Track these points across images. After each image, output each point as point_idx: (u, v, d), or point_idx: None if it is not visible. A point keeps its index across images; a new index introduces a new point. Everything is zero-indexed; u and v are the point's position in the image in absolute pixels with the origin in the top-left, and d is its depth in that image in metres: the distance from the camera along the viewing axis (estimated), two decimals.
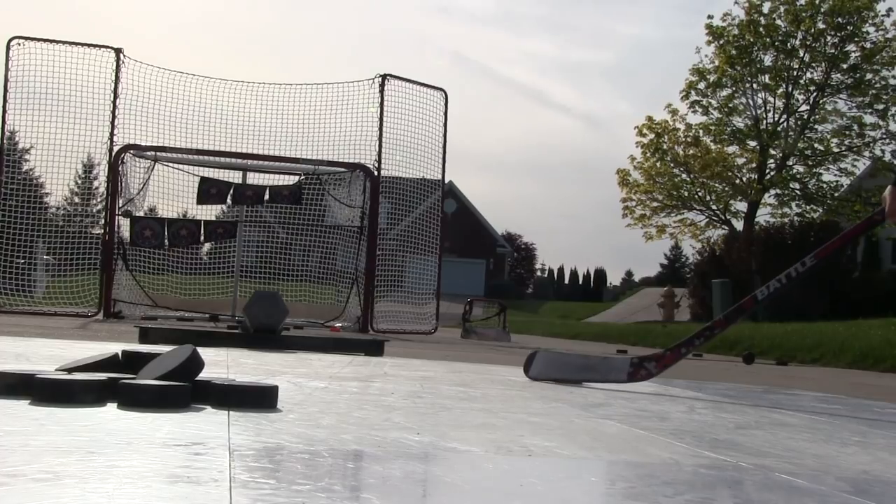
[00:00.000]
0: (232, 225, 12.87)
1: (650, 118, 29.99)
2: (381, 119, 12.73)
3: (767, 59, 29.38)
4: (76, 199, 15.67)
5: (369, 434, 1.81)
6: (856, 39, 28.35)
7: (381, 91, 12.74)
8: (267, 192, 12.61)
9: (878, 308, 18.07)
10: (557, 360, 4.18)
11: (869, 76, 28.56)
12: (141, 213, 12.49)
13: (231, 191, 12.32)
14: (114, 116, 12.00)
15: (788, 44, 28.79)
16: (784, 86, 29.23)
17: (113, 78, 12.05)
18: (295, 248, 14.14)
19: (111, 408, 1.93)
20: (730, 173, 28.85)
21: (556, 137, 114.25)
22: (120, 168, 11.95)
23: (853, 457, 2.13)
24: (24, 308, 11.57)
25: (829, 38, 28.57)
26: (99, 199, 13.84)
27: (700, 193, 29.34)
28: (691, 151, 29.36)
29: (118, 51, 12.13)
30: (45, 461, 1.29)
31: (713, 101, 29.80)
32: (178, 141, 12.52)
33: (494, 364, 5.59)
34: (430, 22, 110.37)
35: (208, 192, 12.22)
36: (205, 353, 2.50)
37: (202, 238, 12.58)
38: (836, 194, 29.33)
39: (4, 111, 11.85)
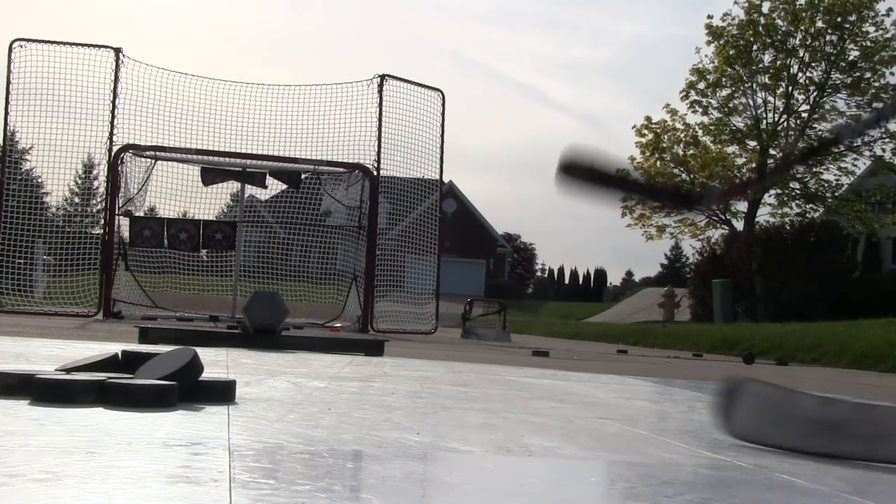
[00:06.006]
0: (231, 230, 12.85)
1: (649, 118, 30.01)
2: (379, 119, 12.74)
3: (767, 59, 29.39)
4: (76, 199, 15.67)
5: (369, 434, 1.80)
6: (855, 38, 28.36)
7: (380, 91, 12.74)
8: (267, 175, 12.70)
9: (879, 308, 18.06)
10: (779, 407, 2.12)
11: (868, 75, 28.57)
12: (141, 213, 12.50)
13: (235, 175, 12.48)
14: (113, 116, 12.01)
15: (788, 43, 28.80)
16: (784, 85, 29.23)
17: (112, 78, 12.06)
18: (295, 248, 14.14)
19: (109, 408, 1.93)
20: (730, 173, 28.85)
21: (556, 137, 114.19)
22: (119, 168, 11.94)
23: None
24: (24, 308, 11.57)
25: (828, 37, 28.58)
26: (99, 199, 13.85)
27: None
28: (691, 151, 29.37)
29: (118, 51, 12.13)
30: (44, 461, 1.29)
31: (713, 101, 29.82)
32: (177, 141, 12.52)
33: (494, 364, 5.59)
34: (429, 21, 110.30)
35: (210, 173, 12.36)
36: (205, 353, 2.50)
37: (200, 244, 12.65)
38: (836, 193, 29.34)
39: (7, 112, 11.86)
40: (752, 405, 2.09)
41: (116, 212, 11.92)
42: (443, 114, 13.33)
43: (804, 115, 29.44)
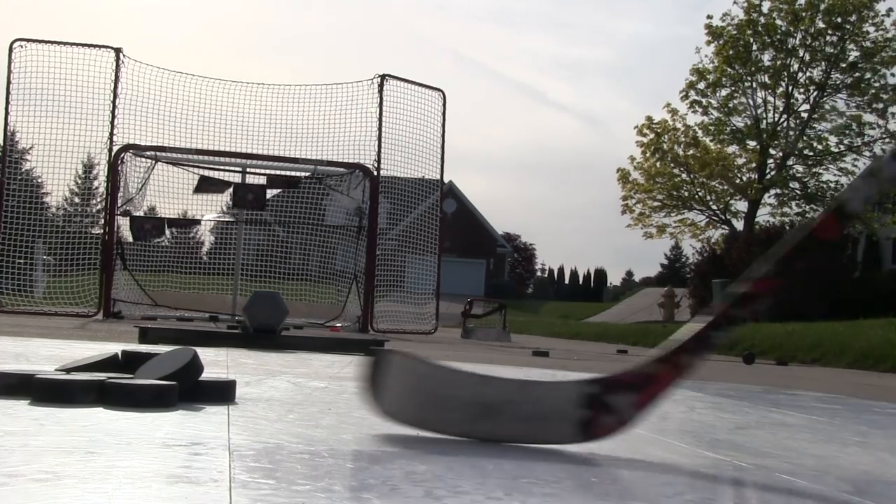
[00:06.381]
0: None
1: (649, 118, 30.02)
2: (380, 119, 12.74)
3: (767, 59, 29.39)
4: (76, 199, 15.68)
5: (369, 434, 1.80)
6: (855, 38, 28.36)
7: (380, 91, 12.75)
8: (265, 180, 12.66)
9: (879, 308, 18.06)
10: (434, 386, 1.84)
11: (868, 75, 28.57)
12: (140, 213, 12.50)
13: (231, 189, 12.39)
14: (113, 116, 12.01)
15: (788, 43, 28.79)
16: (783, 85, 29.23)
17: (113, 78, 12.06)
18: (295, 248, 14.14)
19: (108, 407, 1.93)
20: (730, 173, 28.85)
21: (556, 137, 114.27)
22: (119, 168, 11.94)
23: (853, 457, 2.13)
24: (24, 308, 11.57)
25: (828, 37, 28.58)
26: (99, 199, 13.85)
27: (700, 193, 29.34)
28: (691, 151, 29.37)
29: (118, 51, 12.14)
30: (44, 461, 1.29)
31: (713, 101, 29.83)
32: (177, 141, 12.53)
33: (494, 364, 5.59)
34: (429, 21, 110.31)
35: (207, 182, 12.35)
36: (205, 353, 2.50)
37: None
38: (836, 194, 29.32)
39: (7, 112, 11.86)
40: (403, 383, 1.83)
41: (116, 212, 11.92)
42: (443, 114, 13.33)
43: (804, 114, 29.44)
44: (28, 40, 11.97)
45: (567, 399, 1.73)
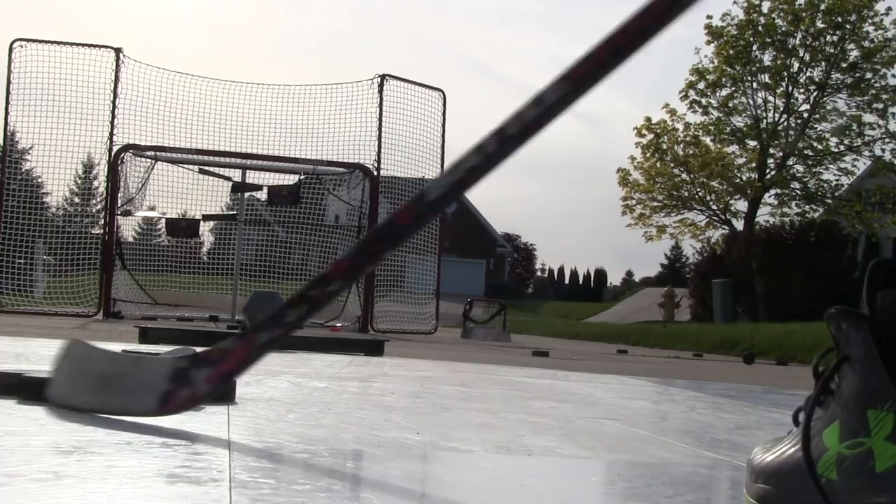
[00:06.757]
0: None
1: (649, 118, 30.03)
2: (380, 119, 12.74)
3: (767, 59, 29.39)
4: (76, 199, 15.69)
5: (369, 434, 1.80)
6: (855, 38, 28.37)
7: (380, 91, 12.75)
8: (265, 191, 12.66)
9: None
10: (86, 364, 1.96)
11: (868, 75, 28.57)
12: (140, 213, 12.51)
13: (231, 185, 12.46)
14: (113, 116, 12.02)
15: (788, 43, 28.80)
16: (784, 85, 29.25)
17: (113, 78, 12.07)
18: (295, 248, 14.14)
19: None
20: (730, 173, 28.87)
21: (556, 137, 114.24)
22: (119, 168, 11.95)
23: None
24: (24, 308, 11.57)
25: (828, 37, 28.58)
26: (99, 199, 13.85)
27: (700, 193, 29.36)
28: (691, 151, 29.38)
29: (118, 51, 12.14)
30: (44, 461, 1.29)
31: (713, 101, 29.83)
32: (177, 141, 12.53)
33: (494, 364, 5.59)
34: (429, 21, 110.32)
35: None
36: None
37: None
38: (836, 194, 29.34)
39: (7, 112, 11.87)
40: (72, 369, 1.91)
41: (116, 212, 11.92)
42: (443, 114, 13.33)
43: (804, 114, 29.44)
44: (28, 40, 11.98)
45: (160, 373, 1.74)
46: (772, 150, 29.38)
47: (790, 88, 29.10)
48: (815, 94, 29.10)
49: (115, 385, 1.81)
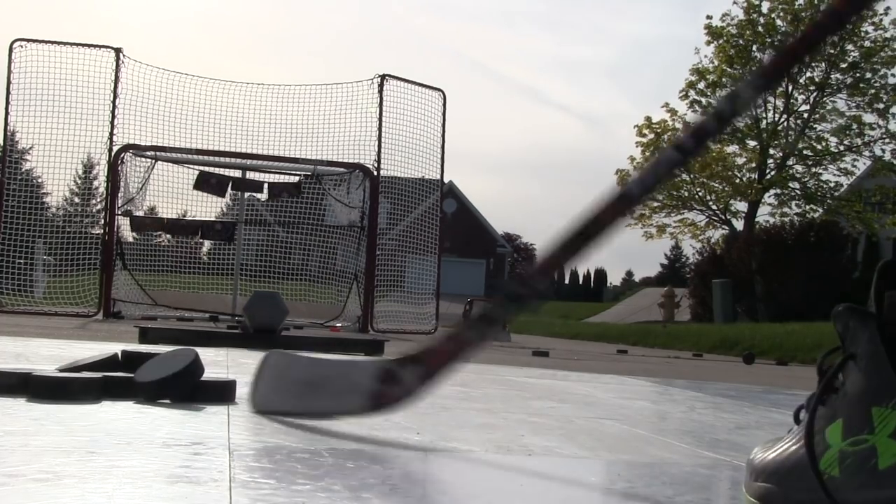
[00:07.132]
0: (231, 225, 12.90)
1: (649, 118, 30.05)
2: (380, 119, 12.74)
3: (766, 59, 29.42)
4: (76, 199, 15.68)
5: (369, 434, 1.80)
6: (854, 39, 28.37)
7: (380, 91, 12.74)
8: (266, 188, 12.68)
9: None
10: (288, 371, 2.06)
11: (868, 75, 28.58)
12: (140, 213, 12.51)
13: (230, 183, 12.45)
14: (113, 116, 12.01)
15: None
16: (784, 85, 29.25)
17: (113, 78, 12.07)
18: (295, 248, 14.14)
19: (109, 406, 1.93)
20: (730, 173, 28.88)
21: (556, 137, 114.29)
22: (119, 168, 11.95)
23: None
24: (24, 308, 11.57)
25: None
26: (99, 199, 13.85)
27: (700, 193, 29.36)
28: None
29: (118, 51, 12.14)
30: (44, 461, 1.29)
31: (713, 101, 29.82)
32: (177, 141, 12.53)
33: (494, 364, 5.59)
34: (429, 21, 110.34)
35: (207, 181, 12.33)
36: (205, 353, 2.50)
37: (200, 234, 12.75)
38: (836, 194, 29.34)
39: (7, 112, 11.87)
40: (271, 377, 2.03)
41: (116, 212, 11.92)
42: (443, 114, 13.33)
43: (804, 114, 29.45)
44: (28, 40, 11.97)
45: (368, 374, 1.82)
46: (772, 151, 29.38)
47: (790, 88, 29.10)
48: (814, 94, 29.11)
49: (323, 388, 1.91)
